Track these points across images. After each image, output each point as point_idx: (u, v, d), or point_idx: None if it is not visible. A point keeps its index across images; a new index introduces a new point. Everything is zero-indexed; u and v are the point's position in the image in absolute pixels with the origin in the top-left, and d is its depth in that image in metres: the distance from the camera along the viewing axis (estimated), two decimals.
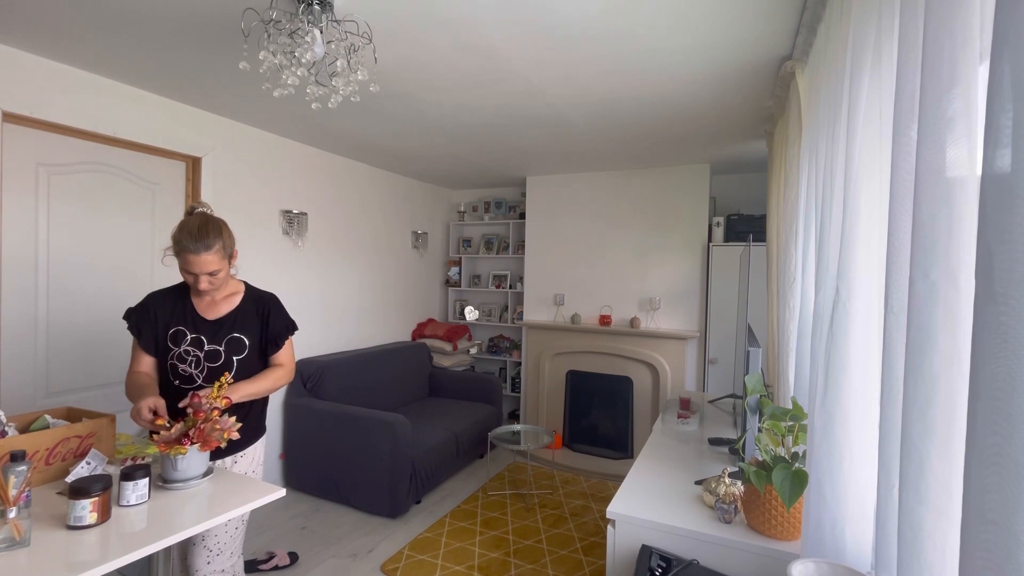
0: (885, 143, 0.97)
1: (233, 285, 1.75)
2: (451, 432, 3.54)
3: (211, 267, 1.57)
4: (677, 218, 4.08)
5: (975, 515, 0.49)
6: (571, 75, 2.30)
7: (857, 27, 1.08)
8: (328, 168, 3.84)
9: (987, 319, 0.49)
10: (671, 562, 1.36)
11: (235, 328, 1.69)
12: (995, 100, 0.48)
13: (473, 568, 2.57)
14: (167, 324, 1.66)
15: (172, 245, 1.59)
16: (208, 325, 1.67)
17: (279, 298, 1.82)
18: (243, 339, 1.69)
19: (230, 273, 1.72)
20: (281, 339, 1.75)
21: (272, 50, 1.64)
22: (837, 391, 1.08)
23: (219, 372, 1.64)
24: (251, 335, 1.71)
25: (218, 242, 1.59)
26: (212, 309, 1.70)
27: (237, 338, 1.68)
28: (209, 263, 1.56)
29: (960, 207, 0.63)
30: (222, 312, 1.70)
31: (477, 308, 5.12)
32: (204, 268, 1.56)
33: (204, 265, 1.56)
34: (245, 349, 1.69)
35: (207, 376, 1.64)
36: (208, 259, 1.56)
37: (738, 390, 2.35)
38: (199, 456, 1.45)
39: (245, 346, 1.69)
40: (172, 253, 1.59)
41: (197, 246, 1.55)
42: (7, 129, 2.20)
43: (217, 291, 1.69)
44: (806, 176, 1.78)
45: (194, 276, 1.58)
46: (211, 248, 1.56)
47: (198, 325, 1.67)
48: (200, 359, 1.64)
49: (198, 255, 1.55)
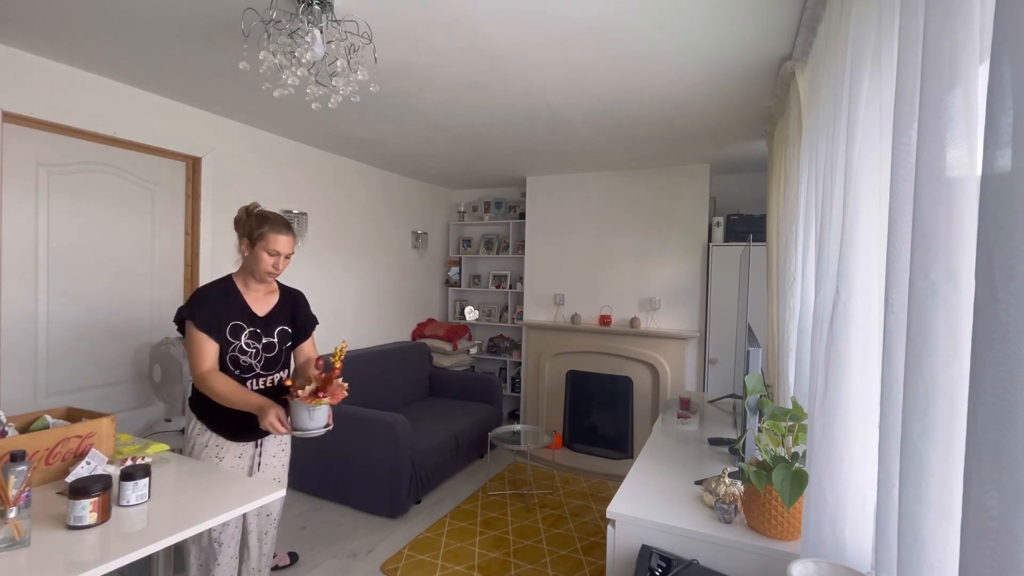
0: (885, 143, 0.97)
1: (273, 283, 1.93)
2: (451, 432, 3.54)
3: (289, 249, 1.80)
4: (677, 218, 4.08)
5: (975, 515, 0.49)
6: (571, 75, 2.30)
7: (857, 27, 1.08)
8: (328, 168, 3.84)
9: (987, 319, 0.49)
10: (671, 562, 1.36)
11: (280, 321, 1.88)
12: (995, 100, 0.48)
13: (473, 568, 2.57)
14: (226, 318, 1.76)
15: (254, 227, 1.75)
16: (261, 320, 1.84)
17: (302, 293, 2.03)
18: (288, 330, 1.91)
19: None
20: (310, 328, 1.97)
21: (272, 50, 1.64)
22: (837, 391, 1.08)
23: (274, 361, 1.85)
24: (289, 326, 1.92)
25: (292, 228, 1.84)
26: (260, 304, 1.86)
27: (284, 330, 1.89)
28: (290, 244, 1.80)
29: (960, 207, 0.62)
30: (269, 306, 1.87)
31: (477, 308, 5.12)
32: (287, 249, 1.78)
33: (287, 246, 1.78)
34: (289, 339, 1.91)
35: (264, 365, 1.83)
36: (290, 241, 1.80)
37: (738, 390, 2.35)
38: (326, 409, 1.67)
39: (289, 336, 1.91)
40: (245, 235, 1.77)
41: (287, 229, 1.79)
42: (7, 129, 2.20)
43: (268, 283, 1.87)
44: (806, 176, 1.78)
45: (275, 257, 1.77)
46: (292, 232, 1.82)
47: (253, 320, 1.82)
48: (259, 351, 1.82)
49: (287, 236, 1.78)
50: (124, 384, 2.69)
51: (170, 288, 2.87)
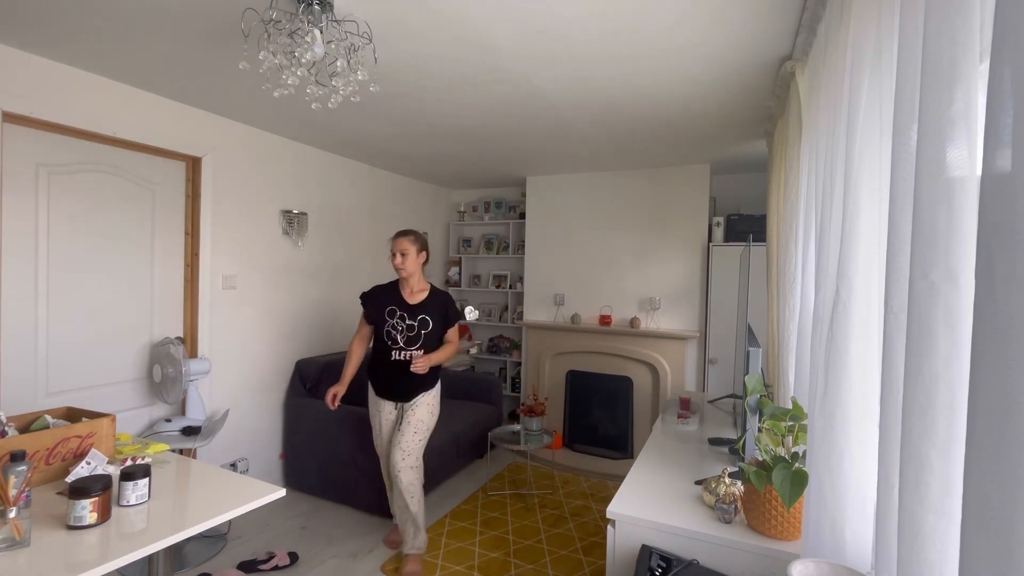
0: (885, 143, 0.97)
1: (423, 284, 2.61)
2: (451, 432, 3.54)
3: (401, 247, 2.50)
4: (677, 218, 4.08)
5: (975, 515, 0.49)
6: (571, 75, 2.30)
7: (857, 27, 1.08)
8: (328, 168, 3.84)
9: (987, 319, 0.49)
10: (671, 562, 1.36)
11: (423, 311, 2.54)
12: (995, 100, 0.48)
13: (473, 568, 2.57)
14: (385, 304, 2.56)
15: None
16: (409, 307, 2.54)
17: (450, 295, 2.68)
18: (428, 319, 2.54)
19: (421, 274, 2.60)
20: (453, 321, 2.63)
21: (272, 50, 1.64)
22: (837, 391, 1.08)
23: (415, 339, 2.51)
24: (434, 318, 2.55)
25: (412, 235, 2.54)
26: (412, 298, 2.57)
27: (424, 319, 2.53)
28: (401, 243, 2.51)
29: (960, 207, 0.62)
30: (418, 300, 2.57)
31: (477, 308, 5.12)
32: (397, 247, 2.50)
33: (396, 245, 2.51)
34: (429, 325, 2.53)
35: (406, 341, 2.51)
36: (401, 242, 2.51)
37: (738, 390, 2.35)
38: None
39: (429, 324, 2.53)
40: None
41: (398, 233, 2.55)
42: (7, 129, 2.20)
43: (410, 277, 2.55)
44: (806, 176, 1.78)
45: (393, 255, 2.51)
46: (406, 235, 2.53)
47: (404, 307, 2.54)
48: (403, 329, 2.52)
49: (397, 238, 2.53)
50: (124, 384, 2.69)
51: (170, 288, 2.87)
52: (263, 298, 3.35)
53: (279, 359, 3.47)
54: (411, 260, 2.51)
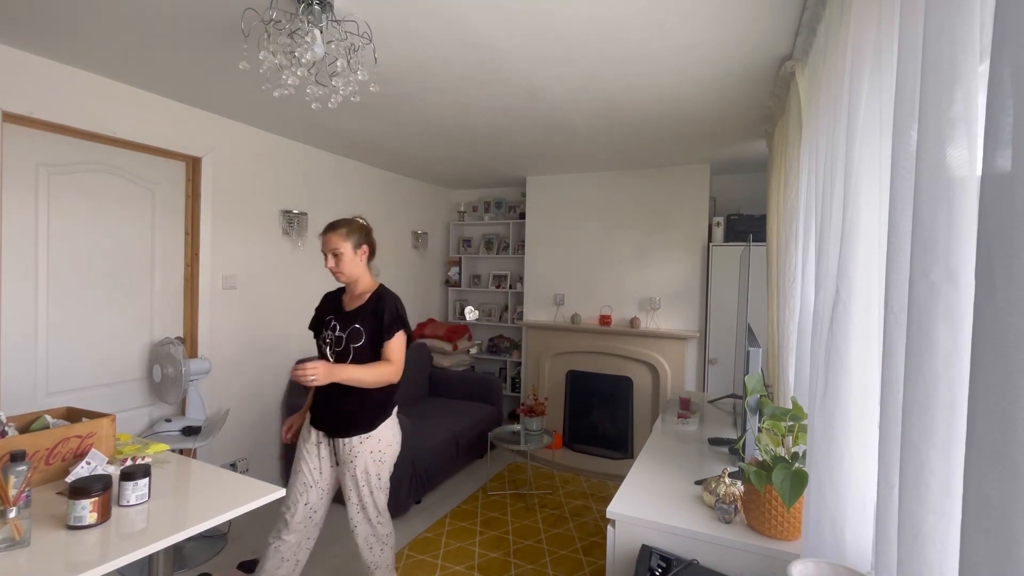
0: (885, 143, 0.97)
1: (369, 284, 2.02)
2: (451, 432, 3.54)
3: (332, 244, 1.91)
4: (677, 218, 4.08)
5: (975, 515, 0.49)
6: (571, 75, 2.30)
7: (857, 27, 1.08)
8: (328, 168, 3.84)
9: (987, 319, 0.49)
10: (671, 562, 1.36)
11: (357, 320, 1.93)
12: (995, 100, 0.48)
13: (473, 568, 2.57)
14: (325, 313, 2.05)
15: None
16: (343, 316, 1.98)
17: (398, 299, 2.01)
18: (360, 330, 1.93)
19: (368, 273, 2.03)
20: (389, 331, 1.91)
21: (272, 50, 1.64)
22: (837, 391, 1.08)
23: (343, 355, 1.92)
24: (368, 327, 1.93)
25: (343, 228, 1.94)
26: (351, 303, 2.01)
27: (356, 329, 1.92)
28: (331, 240, 1.92)
29: (960, 207, 0.62)
30: (355, 306, 1.98)
31: (477, 308, 5.12)
32: (327, 245, 1.93)
33: (326, 242, 1.93)
34: (361, 338, 1.92)
35: (335, 357, 1.93)
36: (331, 239, 1.92)
37: (738, 390, 2.35)
38: None
39: (361, 336, 1.92)
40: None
41: (326, 228, 1.96)
42: (7, 129, 2.20)
43: (354, 282, 1.99)
44: (806, 176, 1.78)
45: (324, 257, 1.95)
46: (336, 229, 1.93)
47: (339, 315, 1.99)
48: (332, 342, 1.95)
49: (325, 234, 1.94)
50: (124, 384, 2.69)
51: (170, 288, 2.87)
52: (263, 298, 3.35)
53: (279, 359, 3.47)
54: (347, 261, 1.93)
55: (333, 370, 1.78)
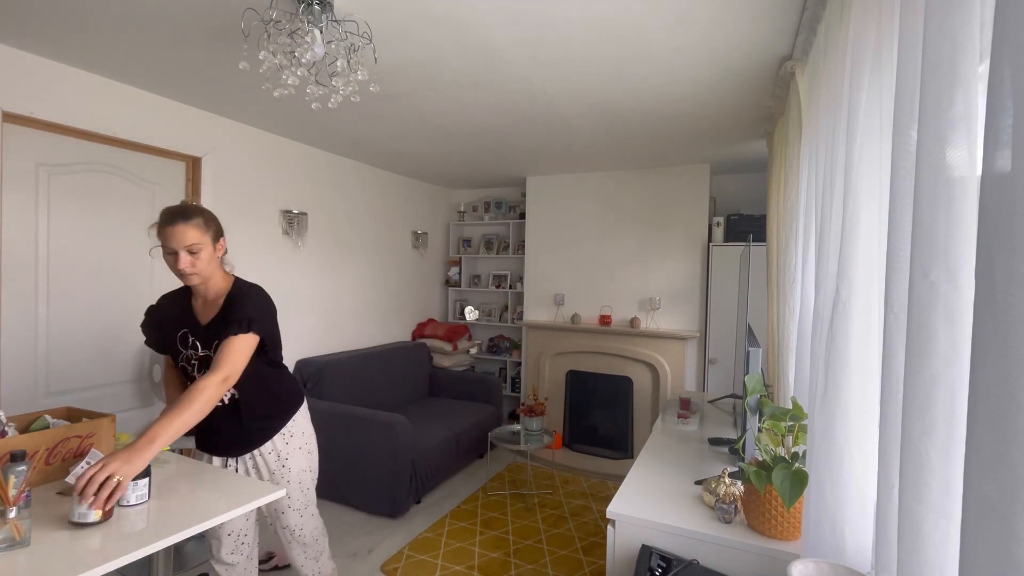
0: (885, 143, 0.97)
1: (224, 283, 1.62)
2: (451, 432, 3.54)
3: (189, 239, 1.45)
4: (677, 218, 4.08)
5: (975, 515, 0.49)
6: (571, 75, 2.30)
7: (857, 27, 1.08)
8: (328, 168, 3.84)
9: (987, 319, 0.49)
10: (671, 562, 1.36)
11: (219, 333, 1.52)
12: (995, 100, 0.48)
13: (473, 568, 2.57)
14: (176, 326, 1.62)
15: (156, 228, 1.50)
16: (203, 330, 1.59)
17: (261, 292, 1.65)
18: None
19: (223, 269, 1.63)
20: (229, 330, 1.49)
21: (272, 50, 1.64)
22: (837, 391, 1.08)
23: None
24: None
25: (198, 216, 1.49)
26: (205, 312, 1.60)
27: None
28: (187, 234, 1.45)
29: (960, 207, 0.62)
30: (211, 316, 1.58)
31: (477, 308, 5.12)
32: (182, 241, 1.44)
33: (182, 237, 1.44)
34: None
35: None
36: (185, 232, 1.45)
37: (738, 390, 2.35)
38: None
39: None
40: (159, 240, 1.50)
41: (174, 217, 1.45)
42: (7, 129, 2.19)
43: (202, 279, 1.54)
44: (806, 176, 1.78)
45: (174, 255, 1.46)
46: (189, 219, 1.46)
47: (196, 330, 1.60)
48: (198, 363, 1.60)
49: (174, 226, 1.44)
50: (124, 384, 2.69)
51: (170, 287, 2.87)
52: None
53: None
54: (207, 259, 1.52)
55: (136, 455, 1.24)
